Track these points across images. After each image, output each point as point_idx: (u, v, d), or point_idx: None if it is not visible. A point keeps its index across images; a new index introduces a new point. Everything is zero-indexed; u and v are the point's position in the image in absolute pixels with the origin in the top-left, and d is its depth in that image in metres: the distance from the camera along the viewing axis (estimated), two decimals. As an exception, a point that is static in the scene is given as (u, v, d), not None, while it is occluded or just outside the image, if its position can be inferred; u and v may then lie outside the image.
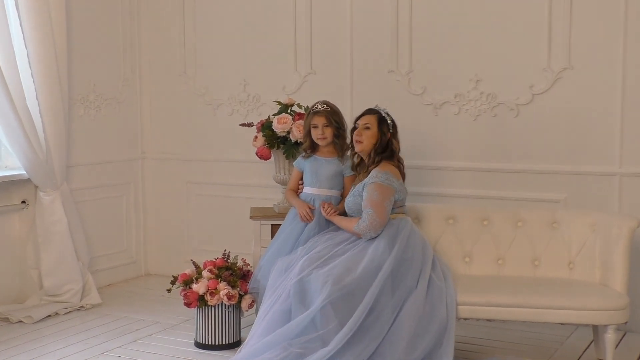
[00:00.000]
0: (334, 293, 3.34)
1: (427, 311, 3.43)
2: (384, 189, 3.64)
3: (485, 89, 4.53)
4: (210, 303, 4.00)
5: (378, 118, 3.76)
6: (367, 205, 3.62)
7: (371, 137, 3.75)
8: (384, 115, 3.77)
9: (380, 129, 3.74)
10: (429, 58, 4.65)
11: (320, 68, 4.97)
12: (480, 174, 4.57)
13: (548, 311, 3.49)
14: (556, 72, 4.35)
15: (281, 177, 4.38)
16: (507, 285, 3.69)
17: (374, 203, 3.60)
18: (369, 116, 3.79)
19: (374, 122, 3.75)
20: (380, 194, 3.62)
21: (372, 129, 3.75)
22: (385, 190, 3.64)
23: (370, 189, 3.64)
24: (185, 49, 5.39)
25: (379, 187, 3.63)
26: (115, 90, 5.36)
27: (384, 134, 3.74)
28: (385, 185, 3.64)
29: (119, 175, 5.42)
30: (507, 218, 3.97)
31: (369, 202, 3.61)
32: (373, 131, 3.75)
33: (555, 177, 4.40)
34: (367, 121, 3.77)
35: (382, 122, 3.76)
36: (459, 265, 3.96)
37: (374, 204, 3.60)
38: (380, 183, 3.63)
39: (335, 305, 3.34)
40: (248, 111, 5.21)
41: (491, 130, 4.54)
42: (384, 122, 3.76)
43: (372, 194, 3.62)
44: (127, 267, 5.51)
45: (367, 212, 3.61)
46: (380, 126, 3.74)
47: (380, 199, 3.61)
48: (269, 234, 4.25)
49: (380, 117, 3.76)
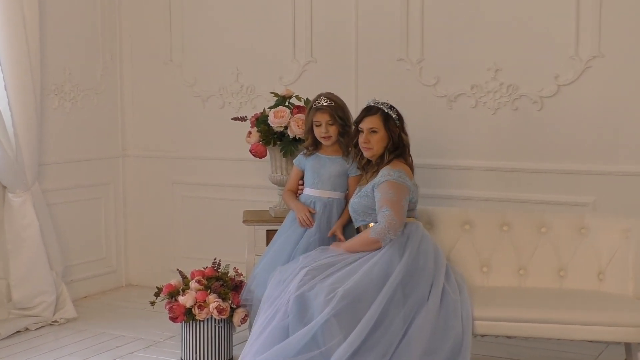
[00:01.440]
0: (338, 305, 3.34)
1: (440, 326, 3.42)
2: (399, 187, 3.63)
3: (505, 80, 4.52)
4: (198, 317, 4.00)
5: (382, 117, 3.73)
6: (383, 204, 3.60)
7: (380, 141, 3.73)
8: (387, 112, 3.74)
9: (388, 129, 3.72)
10: (442, 44, 4.64)
11: (322, 56, 4.96)
12: (500, 174, 4.57)
13: (575, 327, 3.48)
14: (585, 60, 4.35)
15: (278, 177, 4.38)
16: (529, 298, 3.68)
17: (391, 202, 3.59)
18: (371, 118, 3.74)
19: (380, 123, 3.72)
20: (396, 192, 3.61)
21: (379, 131, 3.72)
22: (401, 189, 3.63)
23: (384, 188, 3.63)
24: (171, 33, 5.38)
25: (394, 185, 3.62)
26: (93, 80, 5.36)
27: (393, 132, 3.73)
28: (399, 184, 3.64)
29: (97, 175, 5.42)
30: (529, 223, 3.96)
31: (385, 201, 3.60)
32: (381, 134, 3.73)
33: (583, 177, 4.39)
34: (372, 125, 3.73)
35: (387, 120, 3.73)
36: (476, 275, 3.95)
37: (391, 203, 3.59)
38: (394, 181, 3.63)
39: (340, 318, 3.33)
40: (241, 104, 5.21)
41: (512, 125, 4.53)
42: (390, 119, 3.73)
43: (387, 193, 3.61)
44: (105, 277, 5.50)
45: (384, 212, 3.59)
46: (387, 125, 3.72)
47: (397, 197, 3.60)
48: (264, 241, 4.25)
49: (385, 115, 3.73)
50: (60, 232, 5.06)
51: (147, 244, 5.61)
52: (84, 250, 5.34)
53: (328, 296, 3.37)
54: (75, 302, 5.00)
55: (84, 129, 5.31)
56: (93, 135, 5.38)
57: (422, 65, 4.71)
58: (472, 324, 3.50)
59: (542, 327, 3.50)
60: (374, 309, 3.38)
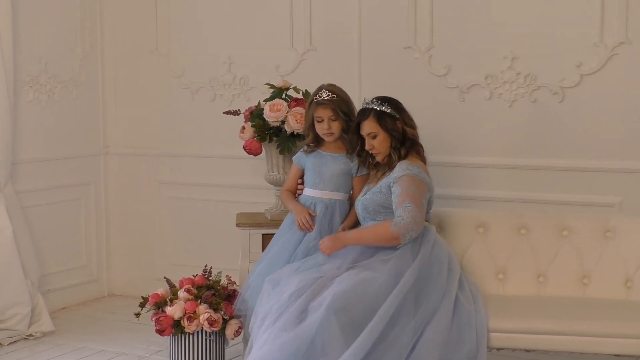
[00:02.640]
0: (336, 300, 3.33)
1: (453, 339, 3.43)
2: (420, 183, 3.65)
3: (522, 69, 4.52)
4: (187, 330, 4.00)
5: (376, 118, 3.73)
6: (405, 199, 3.59)
7: (383, 142, 3.75)
8: (379, 110, 3.73)
9: (386, 128, 3.73)
10: (454, 31, 4.64)
11: (322, 44, 4.96)
12: (517, 172, 4.57)
13: (600, 340, 3.47)
14: (610, 47, 4.34)
15: (274, 177, 4.38)
16: (549, 308, 3.68)
17: (413, 197, 3.59)
18: (366, 122, 3.75)
19: (376, 126, 3.73)
20: (418, 188, 3.62)
21: (378, 134, 3.74)
22: (421, 185, 3.65)
23: (406, 182, 3.62)
24: (157, 19, 5.38)
25: (415, 180, 3.63)
26: (72, 71, 5.36)
27: (394, 129, 3.74)
28: (420, 179, 3.65)
29: (76, 175, 5.42)
30: (549, 226, 3.97)
31: (407, 195, 3.59)
32: (382, 136, 3.74)
33: (608, 175, 4.39)
34: (369, 129, 3.75)
35: (382, 119, 3.73)
36: (491, 283, 3.95)
37: (413, 198, 3.58)
38: (414, 176, 3.64)
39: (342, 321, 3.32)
40: (234, 96, 5.21)
41: (530, 119, 4.53)
42: (384, 117, 3.73)
43: (408, 187, 3.61)
44: (86, 286, 5.50)
45: (407, 207, 3.57)
46: (384, 124, 3.72)
47: (419, 193, 3.61)
48: (260, 246, 4.25)
49: (378, 115, 3.73)
50: (35, 238, 5.06)
51: (132, 250, 5.60)
52: (62, 257, 5.34)
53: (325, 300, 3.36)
54: (52, 314, 4.99)
55: (62, 124, 5.31)
56: (72, 131, 5.38)
57: (432, 54, 4.70)
58: (487, 337, 3.49)
59: (563, 339, 3.50)
60: (379, 317, 3.38)
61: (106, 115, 5.58)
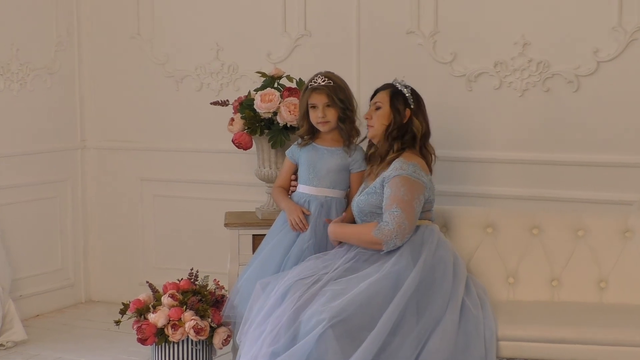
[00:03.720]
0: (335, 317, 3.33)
1: (460, 347, 3.43)
2: (413, 184, 3.65)
3: (535, 56, 4.53)
4: (172, 338, 4.00)
5: (391, 92, 3.79)
6: (392, 203, 3.61)
7: (382, 117, 3.77)
8: (399, 88, 3.79)
9: (393, 106, 3.75)
10: (460, 14, 4.65)
11: (317, 28, 4.96)
12: (528, 167, 4.58)
13: (618, 349, 3.47)
14: (629, 32, 4.35)
15: (265, 172, 4.38)
16: (564, 315, 3.68)
17: (402, 201, 3.61)
18: (381, 93, 3.82)
19: (386, 98, 3.78)
20: (409, 190, 3.63)
21: (383, 107, 3.78)
22: (414, 186, 3.65)
23: (395, 184, 3.64)
24: (139, 3, 5.38)
25: (407, 181, 3.64)
26: (46, 58, 5.35)
27: (399, 112, 3.75)
28: (414, 180, 3.65)
29: (51, 171, 5.41)
30: (564, 226, 3.97)
31: (395, 199, 3.61)
32: (384, 110, 3.78)
33: (627, 171, 4.40)
34: (379, 99, 3.80)
35: (395, 96, 3.77)
36: (501, 287, 3.95)
37: (402, 203, 3.61)
38: (407, 176, 3.64)
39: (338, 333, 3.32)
40: (222, 85, 5.21)
41: (543, 109, 4.54)
42: (398, 97, 3.77)
43: (398, 190, 3.62)
44: (62, 292, 5.51)
45: (393, 213, 3.60)
46: (394, 102, 3.76)
47: (409, 196, 3.62)
48: (250, 248, 4.25)
49: (395, 91, 3.78)
50: (7, 239, 5.05)
51: (111, 253, 5.61)
52: (36, 260, 5.34)
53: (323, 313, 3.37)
54: (25, 321, 4.99)
55: (35, 116, 5.31)
56: (46, 124, 5.38)
57: (436, 39, 4.71)
58: (497, 345, 3.50)
59: (578, 348, 3.50)
60: (380, 328, 3.37)
61: (83, 106, 5.57)
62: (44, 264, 5.40)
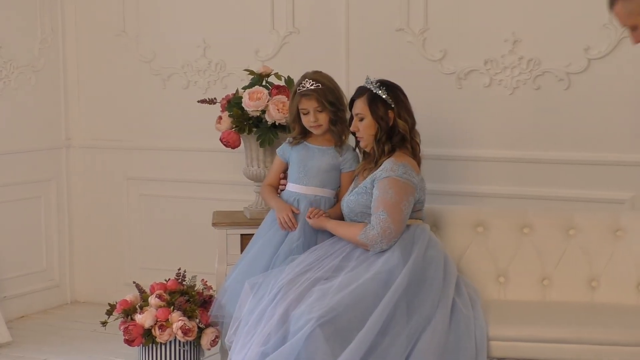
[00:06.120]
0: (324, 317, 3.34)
1: (450, 348, 3.44)
2: (402, 186, 3.65)
3: (525, 53, 4.54)
4: (159, 339, 4.00)
5: (368, 100, 3.75)
6: (379, 206, 3.62)
7: (367, 128, 3.76)
8: (375, 92, 3.75)
9: (375, 114, 3.74)
10: (450, 11, 4.65)
11: (306, 25, 4.96)
12: (519, 165, 4.59)
13: (610, 348, 3.48)
14: (620, 29, 4.36)
15: (254, 171, 4.38)
16: (555, 314, 3.70)
17: (388, 204, 3.61)
18: (358, 102, 3.78)
19: (365, 108, 3.75)
20: (397, 192, 3.63)
21: (366, 118, 3.76)
22: (404, 188, 3.65)
23: (384, 186, 3.64)
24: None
25: (395, 183, 3.64)
26: (30, 55, 5.34)
27: (383, 119, 3.74)
28: (403, 181, 3.65)
29: (35, 170, 5.40)
30: (555, 224, 3.98)
31: (382, 202, 3.62)
32: (367, 120, 3.76)
33: (619, 169, 4.41)
34: (358, 110, 3.78)
35: (374, 102, 3.74)
36: (491, 287, 3.96)
37: (389, 206, 3.61)
38: (397, 178, 3.64)
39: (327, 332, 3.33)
40: (209, 83, 5.21)
41: (533, 107, 4.55)
42: (377, 102, 3.74)
43: (385, 193, 3.63)
44: (47, 292, 5.49)
45: (379, 216, 3.61)
46: (374, 110, 3.73)
47: (396, 199, 3.62)
48: (238, 247, 4.25)
49: (371, 97, 3.74)
50: (-9, 239, 5.05)
51: (97, 253, 5.59)
52: (20, 261, 5.32)
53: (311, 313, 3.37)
54: (9, 323, 4.98)
55: (19, 115, 5.29)
56: (30, 122, 5.36)
57: (426, 36, 4.71)
58: (487, 345, 3.50)
59: (570, 348, 3.50)
60: (369, 327, 3.38)
61: (68, 104, 5.55)
62: (29, 265, 5.38)
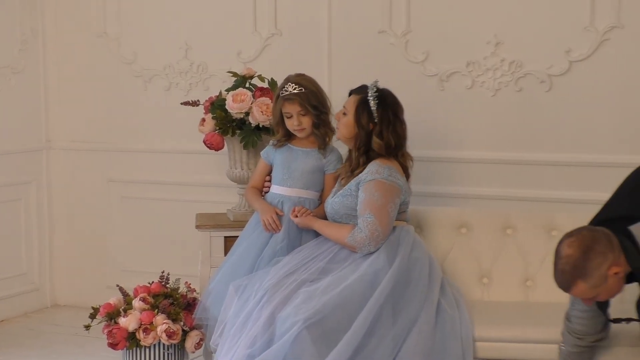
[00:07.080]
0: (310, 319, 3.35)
1: (437, 349, 3.46)
2: (388, 188, 3.66)
3: (507, 55, 4.56)
4: (143, 343, 3.99)
5: (358, 102, 3.75)
6: (366, 209, 3.64)
7: (345, 127, 3.77)
8: (368, 99, 3.73)
9: (356, 119, 3.73)
10: (433, 13, 4.67)
11: (288, 27, 4.97)
12: (502, 167, 4.61)
13: (595, 348, 3.50)
14: (601, 32, 4.40)
15: (237, 173, 4.38)
16: (538, 315, 3.72)
17: (375, 207, 3.62)
18: (352, 97, 3.81)
19: (352, 108, 3.75)
20: (384, 195, 3.64)
21: (348, 115, 3.77)
22: (390, 190, 3.66)
23: (369, 188, 3.65)
24: (105, 0, 5.35)
25: (382, 185, 3.65)
26: (10, 57, 5.32)
27: (362, 127, 3.73)
28: (389, 184, 3.66)
29: (15, 172, 5.38)
30: (538, 226, 4.01)
31: (369, 205, 3.63)
32: (348, 119, 3.77)
33: (601, 170, 4.42)
34: (347, 104, 3.79)
35: (361, 108, 3.74)
36: (475, 288, 3.99)
37: (375, 208, 3.62)
38: (383, 181, 3.65)
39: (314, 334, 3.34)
40: (191, 85, 5.21)
41: (515, 109, 4.58)
42: (364, 110, 3.73)
43: (372, 195, 3.64)
44: (27, 296, 5.47)
45: (367, 219, 3.62)
46: (358, 114, 3.73)
47: (383, 201, 3.63)
48: (222, 250, 4.25)
49: (362, 102, 3.74)
50: (-29, 242, 5.03)
51: (78, 256, 5.57)
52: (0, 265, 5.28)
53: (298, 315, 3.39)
54: (-10, 326, 4.98)
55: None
56: (10, 124, 5.33)
57: (408, 39, 4.73)
58: (473, 346, 3.53)
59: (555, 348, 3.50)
60: (355, 329, 3.40)
61: (48, 106, 5.54)
62: (8, 268, 5.35)
